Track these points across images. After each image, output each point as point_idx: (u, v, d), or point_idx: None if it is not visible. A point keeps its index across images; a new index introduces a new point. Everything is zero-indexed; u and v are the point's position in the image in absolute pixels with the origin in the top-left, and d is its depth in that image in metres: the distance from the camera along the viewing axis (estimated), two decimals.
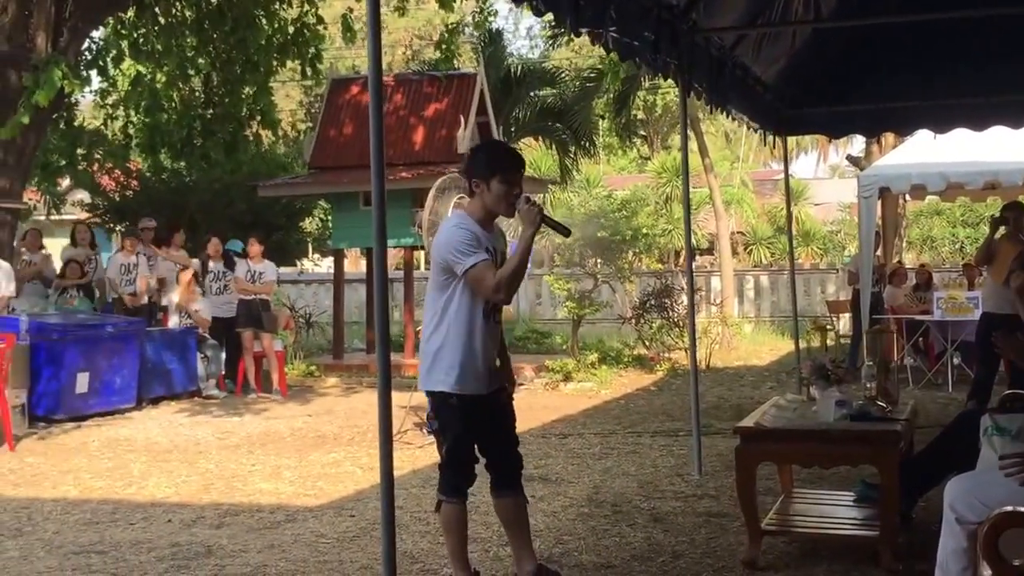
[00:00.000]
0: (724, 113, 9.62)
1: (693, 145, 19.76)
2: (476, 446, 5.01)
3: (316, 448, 9.57)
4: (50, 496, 7.72)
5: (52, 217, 22.29)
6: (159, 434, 10.45)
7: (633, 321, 16.09)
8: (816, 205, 33.94)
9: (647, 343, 15.85)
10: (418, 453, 9.09)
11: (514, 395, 5.16)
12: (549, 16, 5.78)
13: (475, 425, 4.92)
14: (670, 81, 9.52)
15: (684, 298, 16.38)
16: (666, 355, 15.43)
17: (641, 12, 6.94)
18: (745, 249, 31.10)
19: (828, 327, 16.18)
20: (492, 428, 4.99)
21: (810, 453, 5.41)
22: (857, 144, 28.83)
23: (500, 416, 5.02)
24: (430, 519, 6.59)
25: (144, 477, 8.35)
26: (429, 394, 4.95)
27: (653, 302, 15.76)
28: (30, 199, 18.89)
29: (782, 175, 37.10)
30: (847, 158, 22.15)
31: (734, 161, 37.64)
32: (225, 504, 7.32)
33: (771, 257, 29.78)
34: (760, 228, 30.98)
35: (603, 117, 24.78)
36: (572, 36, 16.62)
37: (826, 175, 47.47)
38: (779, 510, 5.91)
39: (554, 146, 22.18)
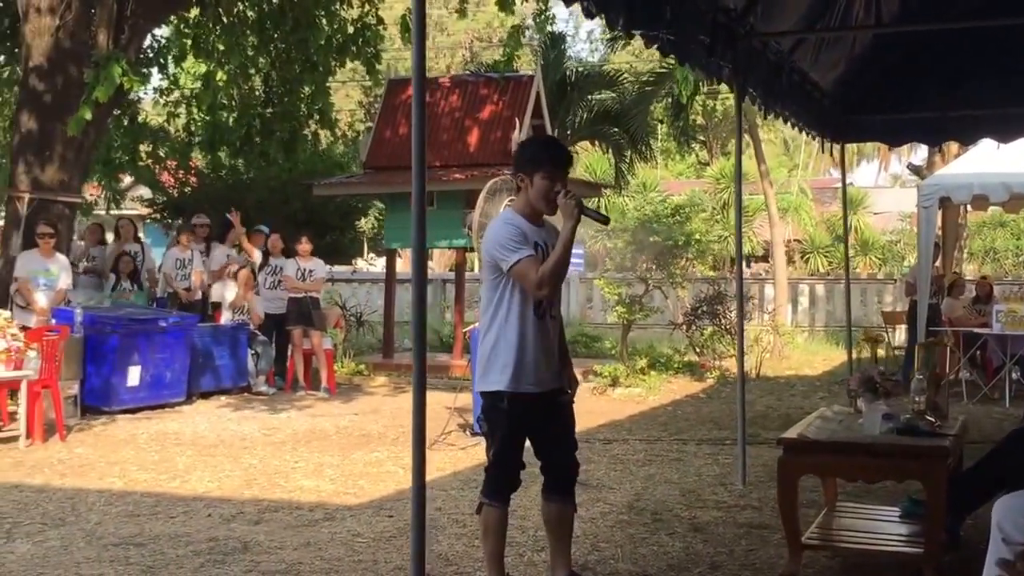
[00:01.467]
0: (780, 119, 9.50)
1: (750, 151, 19.61)
2: (533, 449, 4.97)
3: (360, 447, 9.57)
4: (95, 487, 7.78)
5: (112, 212, 22.55)
6: (207, 428, 10.52)
7: (684, 327, 15.96)
8: (876, 214, 33.55)
9: (698, 350, 15.71)
10: (460, 455, 9.05)
11: (574, 399, 5.11)
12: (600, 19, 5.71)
13: (526, 427, 4.87)
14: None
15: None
16: (717, 362, 15.29)
17: (697, 15, 6.85)
18: (802, 257, 30.80)
19: (880, 338, 15.94)
20: (548, 430, 4.94)
21: (854, 467, 5.29)
22: (920, 153, 28.49)
23: (558, 418, 4.97)
24: (467, 522, 6.56)
25: (188, 471, 8.39)
26: (482, 395, 4.91)
27: (705, 308, 15.63)
28: (91, 194, 19.15)
29: (836, 184, 36.63)
30: (908, 167, 21.87)
31: (792, 168, 37.31)
32: (265, 500, 7.34)
33: (828, 266, 29.48)
34: (818, 236, 30.68)
35: (662, 122, 24.65)
36: (629, 40, 16.62)
37: (887, 184, 46.90)
38: (822, 524, 5.80)
39: (610, 150, 22.06)
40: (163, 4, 13.03)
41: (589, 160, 29.68)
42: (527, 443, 4.96)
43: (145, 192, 19.75)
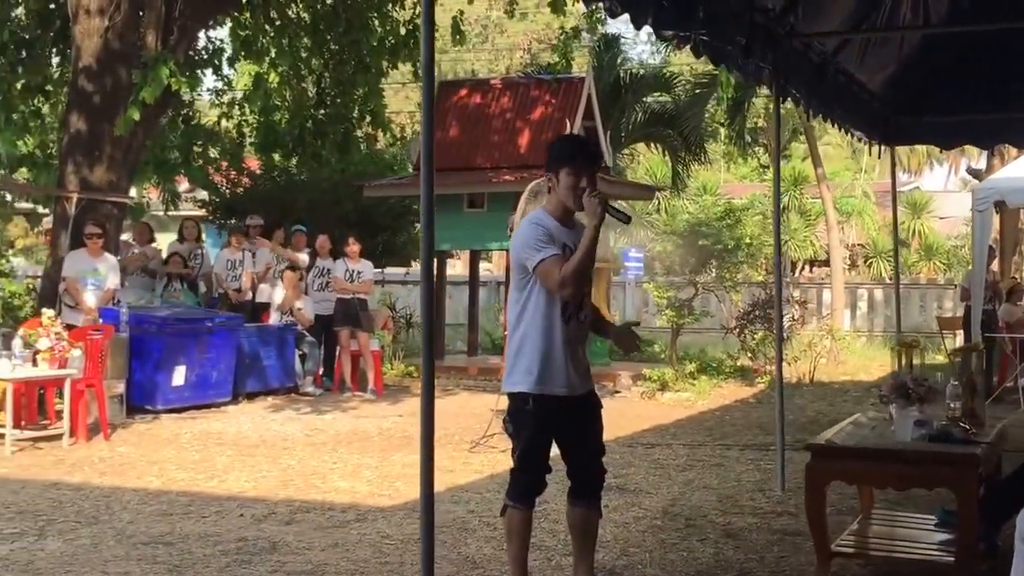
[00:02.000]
0: (827, 121, 9.35)
1: (801, 151, 19.34)
2: (560, 453, 4.93)
3: (400, 448, 9.56)
4: (132, 486, 7.84)
5: (170, 213, 22.80)
6: (250, 429, 10.57)
7: (736, 332, 15.79)
8: (941, 219, 32.99)
9: (750, 354, 15.54)
10: (499, 457, 8.98)
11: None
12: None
13: (552, 429, 4.83)
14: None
15: (792, 309, 16.07)
16: (769, 367, 15.11)
17: (733, 15, 6.74)
18: (865, 262, 30.37)
19: (915, 344, 15.64)
20: (575, 434, 4.90)
21: (883, 474, 5.17)
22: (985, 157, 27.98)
23: (586, 422, 4.92)
24: (498, 524, 6.48)
25: (226, 471, 8.43)
26: (508, 396, 4.88)
27: (758, 313, 15.44)
28: (145, 195, 19.37)
29: (909, 186, 36.05)
30: (967, 170, 21.49)
31: (858, 172, 36.80)
32: (298, 501, 7.35)
33: (891, 271, 29.02)
34: (881, 240, 30.23)
35: (723, 124, 24.45)
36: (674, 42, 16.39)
37: (956, 188, 46.11)
38: (855, 531, 5.69)
39: (665, 152, 21.92)
40: (211, 5, 13.14)
41: (649, 163, 29.51)
42: (554, 448, 4.92)
43: (200, 194, 19.95)
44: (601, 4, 5.22)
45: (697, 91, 19.92)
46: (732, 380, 14.73)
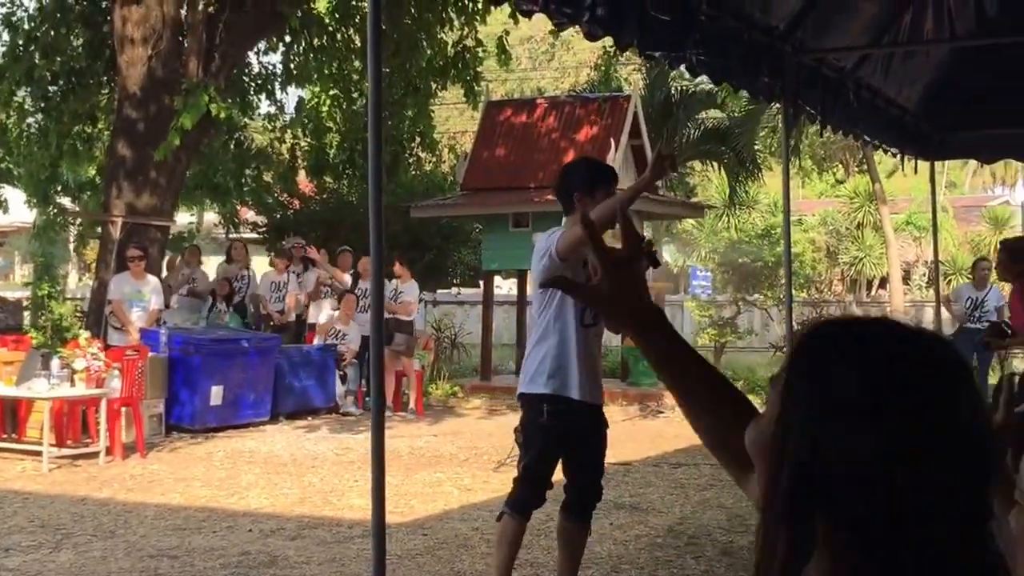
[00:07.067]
0: (848, 136, 9.28)
1: (889, 165, 19.14)
2: (561, 465, 5.01)
3: (426, 467, 9.65)
4: (155, 502, 8.03)
5: (231, 236, 23.21)
6: (283, 448, 10.72)
7: (785, 350, 15.64)
8: None
9: None
10: None
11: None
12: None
13: (563, 444, 4.90)
14: None
15: None
16: None
17: (730, 37, 6.73)
18: (944, 279, 29.91)
19: None
20: (580, 451, 4.99)
21: None
22: None
23: (592, 440, 5.01)
24: None
25: (248, 488, 8.59)
26: (521, 398, 4.96)
27: None
28: (192, 219, 19.75)
29: (997, 201, 35.30)
30: None
31: (947, 186, 36.23)
32: (309, 517, 7.47)
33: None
34: (960, 257, 29.73)
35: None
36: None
37: None
38: None
39: (721, 169, 21.82)
40: (253, 32, 13.43)
41: (719, 180, 29.41)
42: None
43: (251, 216, 20.31)
44: (578, 26, 5.18)
45: (750, 107, 19.79)
46: None
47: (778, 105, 8.01)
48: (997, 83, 9.74)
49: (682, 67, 6.57)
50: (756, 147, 20.72)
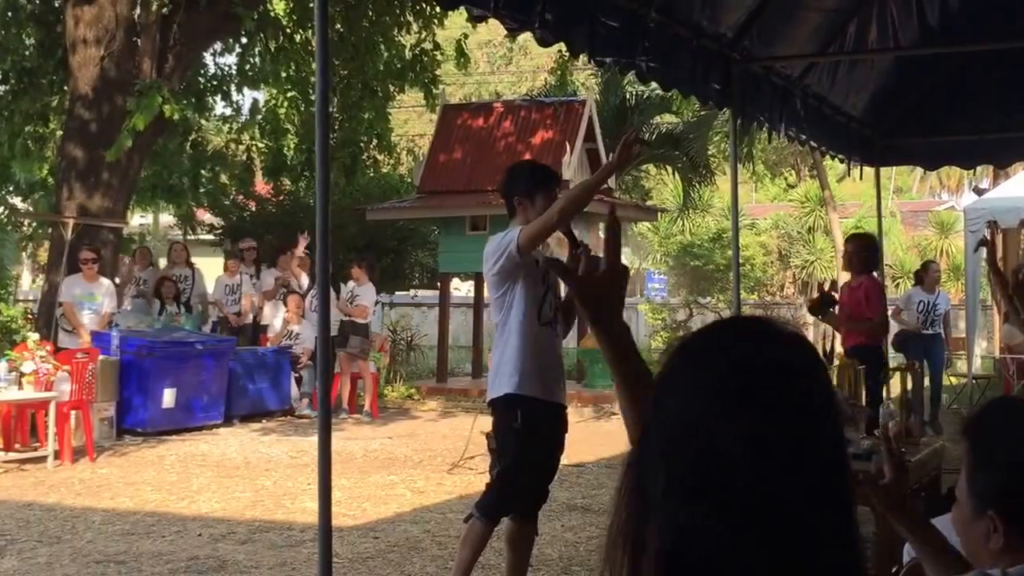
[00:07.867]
0: (793, 142, 9.40)
1: (839, 171, 19.33)
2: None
3: (380, 470, 9.67)
4: (104, 506, 7.99)
5: (190, 237, 23.06)
6: (236, 451, 10.70)
7: None
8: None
9: None
10: (473, 479, 9.06)
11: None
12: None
13: (536, 448, 4.94)
14: None
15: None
16: None
17: (679, 43, 6.82)
18: (893, 282, 30.24)
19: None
20: (546, 452, 5.03)
21: None
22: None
23: (556, 443, 5.07)
24: (449, 544, 6.60)
25: (200, 492, 8.57)
26: (491, 404, 5.01)
27: None
28: (144, 220, 19.61)
29: (944, 206, 35.69)
30: (973, 190, 21.40)
31: (896, 191, 36.60)
32: (261, 521, 7.47)
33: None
34: (907, 261, 30.06)
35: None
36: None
37: None
38: None
39: (675, 173, 21.95)
40: (208, 33, 13.38)
41: (675, 184, 29.58)
42: None
43: (209, 218, 20.20)
44: (531, 33, 5.23)
45: (702, 113, 19.93)
46: None
47: (729, 111, 8.09)
48: (939, 92, 9.94)
49: (632, 73, 6.68)
50: (710, 152, 20.87)
